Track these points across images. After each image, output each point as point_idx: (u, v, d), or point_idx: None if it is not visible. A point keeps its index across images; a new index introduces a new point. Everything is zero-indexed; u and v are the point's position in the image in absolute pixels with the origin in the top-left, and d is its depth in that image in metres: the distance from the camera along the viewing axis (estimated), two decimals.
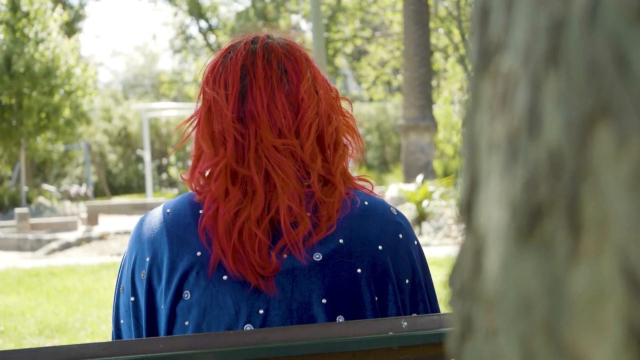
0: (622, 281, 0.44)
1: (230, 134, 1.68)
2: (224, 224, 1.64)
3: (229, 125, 1.68)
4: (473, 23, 0.58)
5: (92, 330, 8.27)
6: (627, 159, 0.44)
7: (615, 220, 0.44)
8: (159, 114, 27.81)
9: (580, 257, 0.46)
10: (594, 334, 0.45)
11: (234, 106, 1.69)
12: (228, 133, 1.68)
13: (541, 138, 0.49)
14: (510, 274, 0.51)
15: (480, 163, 0.56)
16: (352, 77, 39.62)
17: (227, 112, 1.68)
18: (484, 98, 0.55)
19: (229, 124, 1.68)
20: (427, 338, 1.53)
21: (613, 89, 0.45)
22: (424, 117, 20.26)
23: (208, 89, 1.73)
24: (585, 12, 0.46)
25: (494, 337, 0.53)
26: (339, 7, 34.75)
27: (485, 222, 0.55)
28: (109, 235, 16.61)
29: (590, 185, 0.46)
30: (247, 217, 1.64)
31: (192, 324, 1.64)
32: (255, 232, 1.64)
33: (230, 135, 1.68)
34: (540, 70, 0.49)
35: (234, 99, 1.69)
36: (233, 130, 1.68)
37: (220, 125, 1.69)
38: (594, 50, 0.46)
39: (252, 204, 1.66)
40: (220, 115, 1.69)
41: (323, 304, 1.64)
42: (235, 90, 1.70)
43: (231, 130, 1.68)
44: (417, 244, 1.79)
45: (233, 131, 1.68)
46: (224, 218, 1.65)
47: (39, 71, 22.28)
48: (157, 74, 49.75)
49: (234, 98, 1.69)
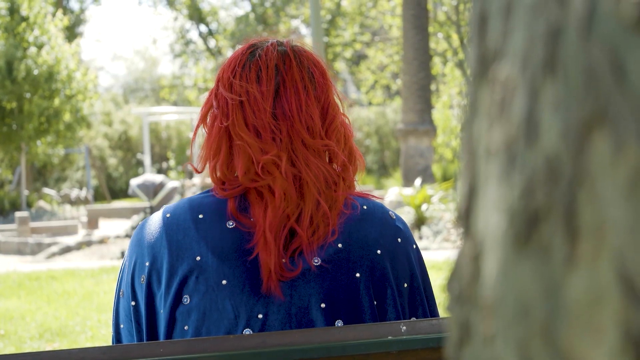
0: (618, 286, 0.44)
1: (268, 128, 1.68)
2: (277, 221, 1.65)
3: (267, 119, 1.69)
4: (471, 30, 0.59)
5: (92, 334, 8.26)
6: (623, 165, 0.44)
7: (612, 226, 0.45)
8: (159, 118, 27.83)
9: (577, 262, 0.46)
10: (591, 339, 0.46)
11: (270, 102, 1.70)
12: (264, 128, 1.69)
13: (538, 145, 0.49)
14: (508, 279, 0.52)
15: (479, 169, 0.56)
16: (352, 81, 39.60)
17: (264, 106, 1.69)
18: (482, 105, 0.56)
19: (267, 118, 1.69)
20: (426, 342, 1.53)
21: (610, 96, 0.45)
22: (423, 121, 20.25)
23: (237, 81, 1.73)
24: (582, 20, 0.47)
25: (491, 342, 0.54)
26: (339, 12, 34.76)
27: (483, 227, 0.55)
28: (109, 239, 16.59)
29: (587, 191, 0.46)
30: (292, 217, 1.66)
31: (191, 329, 1.64)
32: (287, 234, 1.67)
33: (267, 130, 1.68)
34: (537, 78, 0.50)
35: (270, 95, 1.70)
36: (270, 125, 1.68)
37: (255, 120, 1.69)
38: (591, 57, 0.46)
39: (291, 203, 1.67)
40: (256, 110, 1.69)
41: (322, 309, 1.64)
42: (271, 86, 1.71)
43: (268, 126, 1.68)
44: (416, 247, 1.79)
45: (271, 126, 1.68)
46: (277, 214, 1.65)
47: (39, 75, 22.27)
48: (157, 78, 49.78)
49: (270, 94, 1.70)
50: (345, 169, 1.74)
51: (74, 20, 39.74)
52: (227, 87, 1.74)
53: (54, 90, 22.70)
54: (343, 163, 1.74)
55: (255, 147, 1.68)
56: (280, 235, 1.65)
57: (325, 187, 1.69)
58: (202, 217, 1.70)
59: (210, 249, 1.66)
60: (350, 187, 1.76)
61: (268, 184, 1.67)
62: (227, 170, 1.73)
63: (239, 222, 1.68)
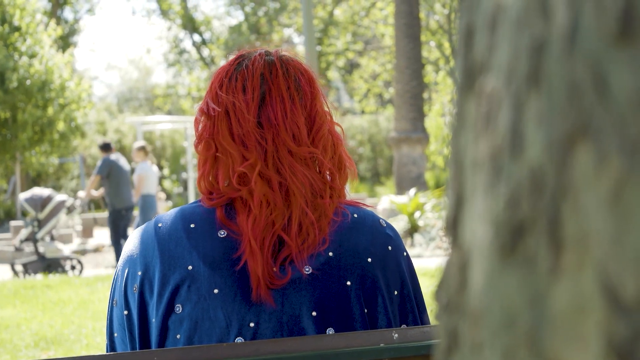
0: (602, 296, 0.45)
1: (252, 137, 1.69)
2: (260, 228, 1.66)
3: (251, 129, 1.69)
4: (458, 43, 0.60)
5: (87, 342, 8.24)
6: (606, 177, 0.45)
7: (595, 237, 0.46)
8: (153, 127, 27.76)
9: (561, 273, 0.47)
10: (575, 348, 0.46)
11: (255, 111, 1.70)
12: (249, 137, 1.69)
13: (523, 157, 0.50)
14: (494, 288, 0.52)
15: (465, 180, 0.57)
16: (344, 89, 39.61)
17: (248, 116, 1.70)
18: (469, 117, 0.56)
19: (252, 127, 1.69)
20: (417, 349, 1.54)
21: (592, 110, 0.46)
22: (416, 129, 20.25)
23: (222, 92, 1.74)
24: (565, 34, 0.48)
25: (479, 350, 0.54)
26: (331, 21, 34.75)
27: (470, 238, 0.56)
28: (104, 247, 16.58)
29: (571, 203, 0.47)
30: (277, 225, 1.67)
31: (183, 337, 1.65)
32: (276, 241, 1.67)
33: (252, 139, 1.69)
34: (522, 91, 0.50)
35: (255, 104, 1.71)
36: (255, 134, 1.69)
37: (241, 129, 1.70)
38: (574, 71, 0.47)
39: (276, 210, 1.68)
40: (241, 119, 1.70)
41: (313, 317, 1.64)
42: (256, 95, 1.72)
43: (253, 135, 1.69)
44: (407, 255, 1.80)
45: (255, 135, 1.69)
46: (260, 221, 1.66)
47: (31, 85, 22.22)
48: (151, 88, 49.69)
49: (255, 103, 1.71)
50: (334, 178, 1.75)
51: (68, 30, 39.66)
52: (213, 99, 1.76)
53: (48, 99, 22.65)
54: (330, 171, 1.75)
55: (236, 157, 1.69)
56: (267, 243, 1.66)
57: (312, 195, 1.70)
58: (194, 227, 1.70)
59: (201, 258, 1.67)
60: (339, 195, 1.77)
61: (250, 192, 1.68)
62: (213, 180, 1.74)
63: (231, 230, 1.69)
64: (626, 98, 0.44)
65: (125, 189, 13.78)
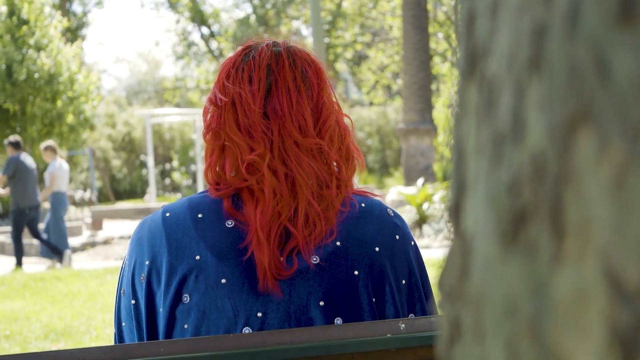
0: (604, 284, 0.45)
1: (258, 128, 1.69)
2: (266, 219, 1.66)
3: (257, 119, 1.69)
4: (460, 28, 0.59)
5: (96, 334, 8.27)
6: (608, 163, 0.44)
7: (597, 224, 0.45)
8: (162, 119, 27.81)
9: (563, 260, 0.47)
10: (578, 336, 0.46)
11: (260, 102, 1.70)
12: (255, 128, 1.69)
13: (525, 142, 0.49)
14: (495, 276, 0.52)
15: (468, 167, 0.56)
16: (353, 81, 39.57)
17: (254, 107, 1.70)
18: (470, 103, 0.56)
19: (257, 118, 1.69)
20: (424, 340, 1.53)
21: (594, 94, 0.45)
22: (424, 120, 20.25)
23: (229, 83, 1.74)
24: (566, 17, 0.47)
25: (481, 339, 0.54)
26: (339, 13, 34.75)
27: (472, 225, 0.55)
28: (113, 239, 16.62)
29: (573, 189, 0.46)
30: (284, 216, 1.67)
31: (191, 327, 1.65)
32: (282, 232, 1.67)
33: (258, 130, 1.69)
34: (523, 76, 0.50)
35: (260, 95, 1.71)
36: (261, 125, 1.69)
37: (247, 120, 1.70)
38: (575, 55, 0.46)
39: (282, 201, 1.68)
40: (247, 110, 1.70)
41: (321, 307, 1.64)
42: (262, 86, 1.71)
43: (259, 125, 1.69)
44: (414, 244, 1.80)
45: (261, 126, 1.69)
46: (267, 212, 1.66)
47: (39, 78, 22.25)
48: (160, 80, 49.78)
49: (261, 94, 1.71)
50: (341, 169, 1.75)
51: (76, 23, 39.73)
52: (220, 90, 1.75)
53: (56, 92, 22.68)
54: (337, 162, 1.75)
55: (244, 147, 1.69)
56: (273, 234, 1.66)
57: (318, 187, 1.70)
58: (201, 217, 1.70)
59: (209, 248, 1.67)
60: (347, 186, 1.77)
61: (258, 183, 1.68)
62: (220, 171, 1.74)
63: (238, 220, 1.69)
64: (628, 82, 0.44)
65: (30, 188, 13.71)
